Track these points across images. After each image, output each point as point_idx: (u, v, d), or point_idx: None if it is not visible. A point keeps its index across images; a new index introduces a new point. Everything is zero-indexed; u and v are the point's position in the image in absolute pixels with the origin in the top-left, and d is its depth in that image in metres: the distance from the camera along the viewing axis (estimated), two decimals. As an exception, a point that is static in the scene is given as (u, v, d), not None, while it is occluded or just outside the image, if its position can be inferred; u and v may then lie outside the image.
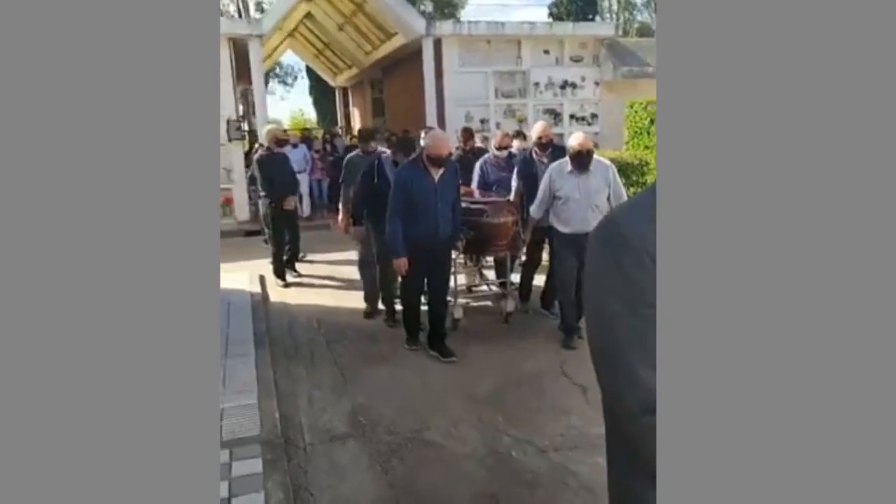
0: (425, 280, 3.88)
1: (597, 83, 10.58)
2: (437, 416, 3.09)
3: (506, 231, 4.20)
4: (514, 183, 4.48)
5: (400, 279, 3.94)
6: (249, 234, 8.30)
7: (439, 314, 3.91)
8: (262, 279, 5.78)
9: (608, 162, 4.03)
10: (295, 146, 8.76)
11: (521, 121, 10.25)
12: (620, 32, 14.33)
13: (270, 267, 5.96)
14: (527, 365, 3.69)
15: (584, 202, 3.75)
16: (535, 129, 4.50)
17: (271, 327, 4.47)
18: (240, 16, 20.22)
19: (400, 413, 3.13)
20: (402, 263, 3.66)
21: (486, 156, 5.03)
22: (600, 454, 2.63)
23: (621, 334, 0.83)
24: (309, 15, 14.28)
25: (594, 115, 10.65)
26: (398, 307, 4.29)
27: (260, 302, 5.05)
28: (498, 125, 9.74)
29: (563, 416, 3.01)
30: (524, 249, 4.57)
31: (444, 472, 2.61)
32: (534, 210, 4.04)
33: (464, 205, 4.10)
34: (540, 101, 10.44)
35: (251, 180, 6.40)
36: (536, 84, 10.37)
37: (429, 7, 24.67)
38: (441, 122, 9.79)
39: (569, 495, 2.38)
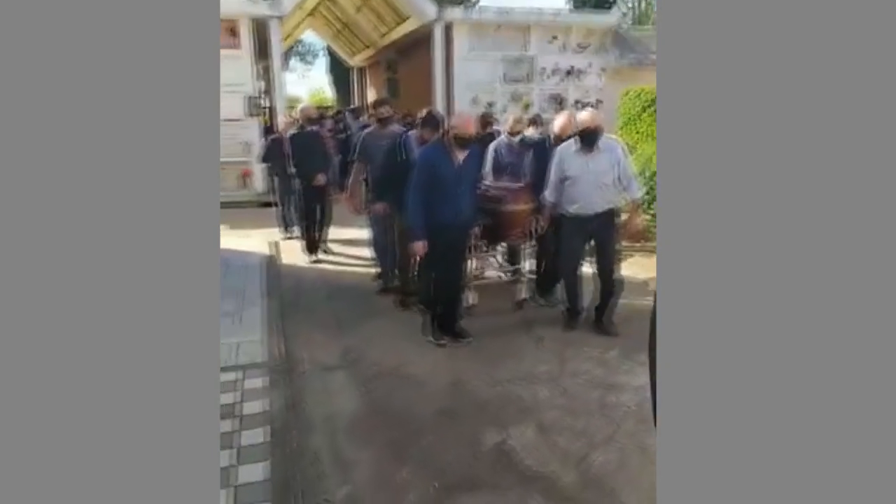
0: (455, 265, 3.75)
1: (602, 70, 10.94)
2: (416, 357, 3.65)
3: (523, 219, 4.13)
4: (526, 169, 4.42)
5: (433, 279, 3.78)
6: (265, 205, 8.90)
7: (454, 297, 3.83)
8: (275, 244, 6.40)
9: (618, 141, 3.97)
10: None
11: (527, 106, 10.69)
12: (630, 21, 14.61)
13: (281, 233, 6.61)
14: (500, 324, 4.20)
15: (591, 181, 3.68)
16: (556, 123, 4.32)
17: (281, 284, 5.08)
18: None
19: (384, 353, 3.71)
20: (419, 247, 3.55)
21: (500, 139, 4.91)
22: (540, 386, 3.18)
23: None
24: (328, -5, 14.71)
25: (599, 101, 11.01)
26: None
27: (272, 263, 5.67)
28: (505, 109, 10.17)
29: (518, 359, 3.58)
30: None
31: (415, 395, 3.19)
32: (548, 194, 3.95)
33: (481, 190, 4.05)
34: (545, 86, 10.83)
35: (265, 156, 6.48)
36: (542, 70, 10.76)
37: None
38: (448, 104, 10.25)
39: (509, 412, 2.96)
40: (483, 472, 2.48)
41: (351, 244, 6.30)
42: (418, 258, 3.63)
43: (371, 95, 18.74)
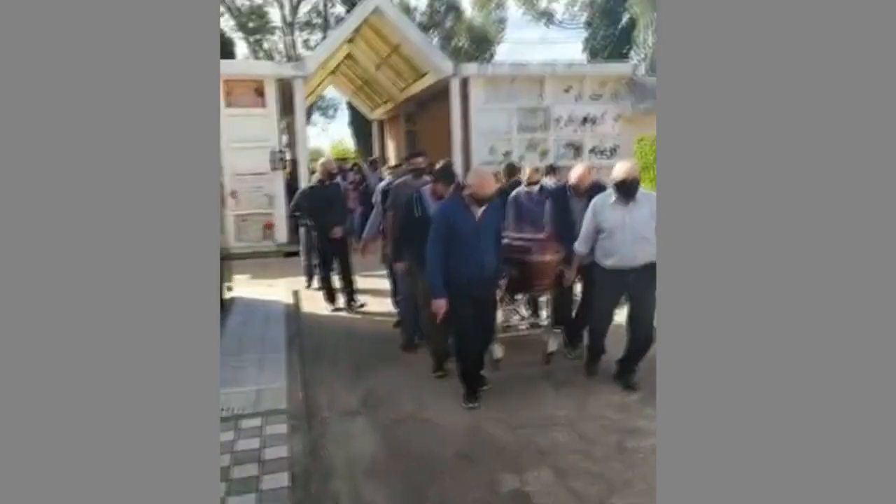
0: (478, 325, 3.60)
1: (617, 117, 11.16)
2: (434, 402, 3.68)
3: (550, 269, 4.06)
4: (547, 218, 4.36)
5: (455, 334, 3.69)
6: (288, 255, 9.13)
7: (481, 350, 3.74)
8: (295, 293, 6.54)
9: (654, 193, 3.75)
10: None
11: (544, 153, 10.92)
12: (645, 69, 14.97)
13: (305, 283, 6.76)
14: (519, 372, 4.18)
15: (630, 234, 3.53)
16: (573, 174, 4.20)
17: (302, 331, 5.18)
18: (288, 56, 21.81)
19: (403, 399, 3.74)
20: (440, 305, 3.44)
21: (519, 189, 4.90)
22: (559, 431, 3.19)
23: None
24: (349, 56, 15.42)
25: (614, 149, 11.20)
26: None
27: (293, 311, 5.79)
28: (521, 158, 10.39)
29: (537, 404, 3.58)
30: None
31: (433, 440, 3.21)
32: (578, 246, 3.84)
33: (506, 241, 3.94)
34: (561, 134, 11.08)
35: (295, 208, 6.49)
36: (557, 119, 11.03)
37: (465, 42, 25.69)
38: (466, 154, 10.54)
39: (526, 457, 2.95)
40: (501, 518, 2.48)
41: (370, 294, 6.36)
42: (441, 315, 3.49)
43: (391, 147, 19.30)
